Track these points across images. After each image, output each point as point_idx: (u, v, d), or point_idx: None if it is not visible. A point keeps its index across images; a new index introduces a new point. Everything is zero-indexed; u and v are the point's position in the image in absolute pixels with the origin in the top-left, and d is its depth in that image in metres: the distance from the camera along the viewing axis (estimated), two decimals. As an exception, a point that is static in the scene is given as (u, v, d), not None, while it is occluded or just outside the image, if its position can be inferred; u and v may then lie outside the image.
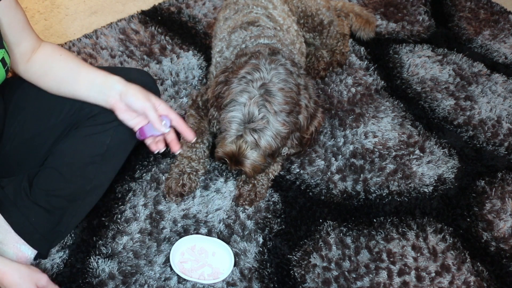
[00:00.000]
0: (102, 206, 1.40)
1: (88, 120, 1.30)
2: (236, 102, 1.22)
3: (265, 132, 1.23)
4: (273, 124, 1.22)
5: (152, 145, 1.26)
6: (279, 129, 1.23)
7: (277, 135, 1.24)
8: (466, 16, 2.22)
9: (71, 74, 1.25)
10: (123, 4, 2.17)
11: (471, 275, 1.34)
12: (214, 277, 1.29)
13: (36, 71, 1.26)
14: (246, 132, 1.23)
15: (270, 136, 1.23)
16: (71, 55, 1.28)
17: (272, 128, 1.22)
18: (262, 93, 1.21)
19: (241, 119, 1.22)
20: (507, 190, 1.56)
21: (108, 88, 1.22)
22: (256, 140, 1.23)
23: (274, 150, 1.28)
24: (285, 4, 1.67)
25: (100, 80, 1.23)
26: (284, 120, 1.23)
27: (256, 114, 1.21)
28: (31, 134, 1.29)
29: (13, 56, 1.23)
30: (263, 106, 1.21)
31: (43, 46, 1.27)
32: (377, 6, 2.23)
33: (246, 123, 1.22)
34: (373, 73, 1.90)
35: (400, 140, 1.67)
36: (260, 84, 1.22)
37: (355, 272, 1.33)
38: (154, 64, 1.85)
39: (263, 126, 1.22)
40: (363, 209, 1.48)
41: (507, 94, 1.88)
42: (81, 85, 1.24)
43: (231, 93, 1.24)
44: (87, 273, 1.28)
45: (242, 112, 1.21)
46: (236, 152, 1.27)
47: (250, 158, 1.28)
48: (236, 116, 1.22)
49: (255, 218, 1.42)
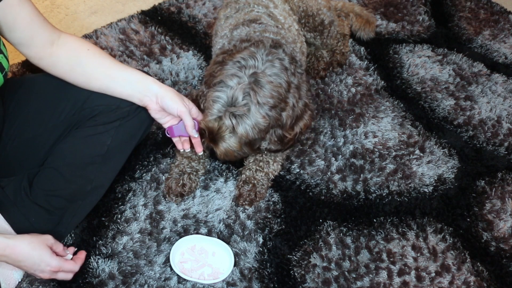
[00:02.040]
0: (102, 206, 1.40)
1: (88, 120, 1.30)
2: (224, 84, 1.22)
3: (244, 120, 1.22)
4: (253, 114, 1.21)
5: (178, 144, 1.37)
6: (258, 121, 1.22)
7: (255, 125, 1.22)
8: (466, 16, 2.22)
9: (102, 70, 1.26)
10: (123, 4, 2.17)
11: (471, 275, 1.34)
12: (214, 277, 1.29)
13: (63, 66, 1.25)
14: (226, 115, 1.22)
15: (248, 125, 1.22)
16: (98, 50, 1.28)
17: (252, 118, 1.21)
18: (251, 81, 1.21)
19: (224, 101, 1.22)
20: (507, 190, 1.56)
21: (144, 88, 1.26)
22: (234, 125, 1.22)
23: (251, 140, 1.26)
24: (286, 3, 1.67)
25: (135, 79, 1.26)
26: (266, 113, 1.22)
27: (239, 100, 1.20)
28: (31, 134, 1.29)
29: (31, 51, 1.21)
30: (247, 94, 1.20)
31: (65, 39, 1.25)
32: (377, 6, 2.23)
33: (228, 106, 1.22)
34: (373, 73, 1.90)
35: (400, 140, 1.67)
36: (251, 72, 1.22)
37: (355, 272, 1.33)
38: (154, 64, 1.85)
39: (242, 113, 1.21)
40: (363, 209, 1.48)
41: (507, 94, 1.88)
42: (115, 82, 1.26)
43: (222, 74, 1.23)
44: (87, 273, 1.28)
45: (227, 94, 1.21)
46: (215, 131, 1.26)
47: (226, 141, 1.26)
48: (220, 97, 1.22)
49: (255, 218, 1.42)
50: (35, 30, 1.19)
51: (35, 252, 1.12)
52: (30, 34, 1.19)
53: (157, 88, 1.26)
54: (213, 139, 1.27)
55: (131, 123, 1.32)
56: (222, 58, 1.29)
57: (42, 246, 1.13)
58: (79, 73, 1.26)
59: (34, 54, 1.22)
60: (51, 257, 1.14)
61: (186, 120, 1.27)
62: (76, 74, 1.26)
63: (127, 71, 1.27)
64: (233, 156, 1.31)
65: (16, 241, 1.11)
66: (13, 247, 1.10)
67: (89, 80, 1.27)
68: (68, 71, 1.26)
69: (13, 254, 1.10)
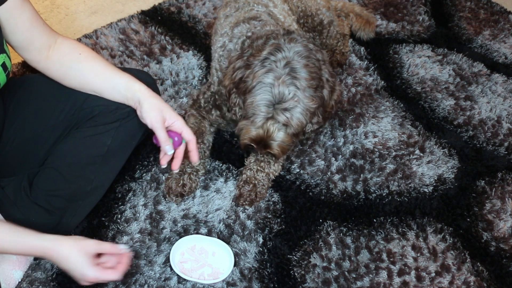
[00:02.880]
0: (102, 206, 1.40)
1: (88, 120, 1.30)
2: (263, 83, 1.21)
3: (296, 110, 1.22)
4: (303, 101, 1.21)
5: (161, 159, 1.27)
6: (308, 105, 1.22)
7: (307, 111, 1.23)
8: (466, 16, 2.22)
9: (92, 76, 1.26)
10: (123, 4, 2.17)
11: (471, 275, 1.34)
12: (214, 277, 1.29)
13: (56, 70, 1.26)
14: (278, 113, 1.22)
15: (300, 113, 1.22)
16: (91, 54, 1.27)
17: (303, 105, 1.22)
18: (288, 71, 1.21)
19: (270, 101, 1.21)
20: (507, 190, 1.56)
21: (130, 95, 1.25)
22: (288, 119, 1.22)
23: (303, 126, 1.28)
24: (285, 3, 1.67)
25: (124, 86, 1.25)
26: (311, 95, 1.22)
27: (286, 94, 1.20)
28: (31, 134, 1.29)
29: (30, 54, 1.22)
30: (291, 84, 1.20)
31: (60, 43, 1.25)
32: (377, 6, 2.23)
33: (276, 104, 1.21)
34: (373, 73, 1.90)
35: (400, 140, 1.67)
36: (284, 63, 1.22)
37: (355, 272, 1.33)
38: (154, 64, 1.85)
39: (294, 105, 1.21)
40: (363, 209, 1.48)
41: (507, 94, 1.88)
42: (105, 88, 1.26)
43: (256, 76, 1.22)
44: (87, 273, 1.28)
45: (271, 93, 1.20)
46: (264, 136, 1.26)
47: (277, 140, 1.27)
48: (264, 98, 1.21)
49: (255, 218, 1.42)
50: (35, 34, 1.20)
51: (71, 259, 1.10)
52: (30, 38, 1.19)
53: (140, 95, 1.22)
54: (264, 145, 1.27)
55: (131, 123, 1.32)
56: (244, 62, 1.28)
57: (80, 254, 1.09)
58: (72, 77, 1.26)
59: (32, 57, 1.23)
60: (87, 268, 1.09)
61: (158, 134, 1.21)
62: (69, 78, 1.27)
63: (116, 77, 1.25)
64: (286, 150, 1.32)
65: (54, 244, 1.09)
66: (51, 252, 1.09)
67: (82, 84, 1.27)
68: (62, 74, 1.26)
69: (52, 257, 1.10)
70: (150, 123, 1.22)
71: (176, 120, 1.24)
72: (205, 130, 1.53)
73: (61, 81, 1.28)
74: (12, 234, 1.08)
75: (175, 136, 1.25)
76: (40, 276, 1.26)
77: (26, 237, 1.09)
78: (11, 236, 1.08)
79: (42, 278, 1.26)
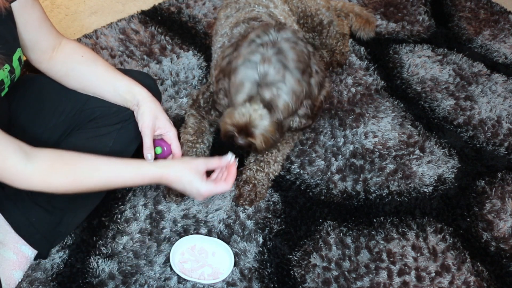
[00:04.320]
0: (102, 206, 1.40)
1: (90, 122, 1.30)
2: (248, 61, 1.17)
3: (282, 90, 1.17)
4: (289, 81, 1.16)
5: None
6: (295, 88, 1.17)
7: (293, 94, 1.18)
8: (466, 16, 2.22)
9: (93, 79, 1.27)
10: (123, 4, 2.17)
11: (471, 275, 1.34)
12: (214, 277, 1.29)
13: (58, 71, 1.27)
14: (263, 90, 1.16)
15: (286, 93, 1.17)
16: (93, 56, 1.29)
17: (289, 85, 1.16)
18: (275, 52, 1.17)
19: (254, 78, 1.16)
20: (507, 190, 1.56)
21: (130, 98, 1.27)
22: (274, 96, 1.17)
23: (289, 112, 1.22)
24: (285, 4, 1.67)
25: (124, 89, 1.27)
26: (298, 78, 1.18)
27: (270, 72, 1.15)
28: (32, 134, 1.29)
29: (34, 54, 1.23)
30: (278, 62, 1.15)
31: (64, 44, 1.27)
32: (377, 6, 2.23)
33: (261, 82, 1.16)
34: (373, 73, 1.90)
35: (400, 140, 1.67)
36: (271, 44, 1.18)
37: (355, 272, 1.33)
38: (154, 64, 1.85)
39: (280, 83, 1.15)
40: (363, 209, 1.48)
41: (507, 94, 1.88)
42: (106, 91, 1.28)
43: (242, 55, 1.18)
44: (87, 273, 1.28)
45: (256, 70, 1.16)
46: (246, 121, 1.21)
47: (260, 127, 1.21)
48: (249, 74, 1.16)
49: (255, 218, 1.42)
50: (42, 34, 1.21)
51: (185, 179, 1.16)
52: (37, 38, 1.21)
53: (140, 98, 1.26)
54: (246, 132, 1.22)
55: (133, 125, 1.32)
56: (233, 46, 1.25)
57: (191, 173, 1.16)
58: (73, 78, 1.28)
59: (36, 57, 1.24)
60: (201, 184, 1.17)
61: (144, 140, 1.26)
62: (71, 80, 1.28)
63: (117, 80, 1.27)
64: (270, 143, 1.26)
65: (167, 170, 1.16)
66: (166, 176, 1.16)
67: (83, 86, 1.29)
68: (64, 75, 1.28)
69: (167, 181, 1.17)
70: (141, 127, 1.26)
71: (169, 130, 1.29)
72: (205, 130, 1.53)
73: (62, 82, 1.29)
74: (129, 167, 1.14)
75: (165, 145, 1.30)
76: (40, 276, 1.26)
77: (142, 168, 1.15)
78: (129, 170, 1.14)
79: (42, 278, 1.26)
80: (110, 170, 1.12)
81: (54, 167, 1.06)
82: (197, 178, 1.17)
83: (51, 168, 1.06)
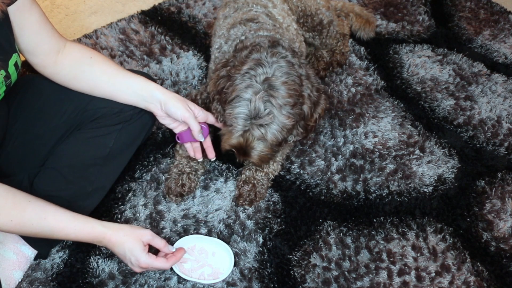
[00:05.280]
0: (102, 206, 1.40)
1: (91, 122, 1.30)
2: (241, 98, 1.24)
3: (271, 127, 1.25)
4: (278, 118, 1.24)
5: (190, 151, 1.40)
6: (284, 122, 1.25)
7: (283, 128, 1.26)
8: (466, 16, 2.22)
9: (105, 78, 1.27)
10: (123, 4, 2.17)
11: (471, 275, 1.34)
12: (214, 277, 1.29)
13: (66, 74, 1.26)
14: (253, 127, 1.25)
15: (275, 130, 1.25)
16: (101, 57, 1.29)
17: (278, 122, 1.24)
18: (266, 88, 1.23)
19: (247, 115, 1.24)
20: (507, 190, 1.56)
21: (148, 95, 1.27)
22: (263, 134, 1.25)
23: (280, 142, 1.30)
24: (284, 3, 1.67)
25: (139, 86, 1.27)
26: (288, 113, 1.24)
27: (261, 110, 1.22)
28: (33, 134, 1.29)
29: (37, 58, 1.22)
30: (268, 101, 1.22)
31: (70, 47, 1.26)
32: (377, 6, 2.23)
33: (253, 119, 1.24)
34: (373, 73, 1.90)
35: (400, 140, 1.67)
36: (263, 78, 1.23)
37: (355, 272, 1.33)
38: (154, 64, 1.85)
39: (269, 121, 1.23)
40: (363, 209, 1.48)
41: (507, 94, 1.88)
42: (119, 90, 1.27)
43: (236, 90, 1.25)
44: (87, 273, 1.28)
45: (248, 107, 1.23)
46: (243, 144, 1.29)
47: (257, 149, 1.29)
48: (242, 112, 1.24)
49: (255, 218, 1.42)
50: (43, 37, 1.20)
51: (127, 245, 1.14)
52: (37, 41, 1.19)
53: (160, 94, 1.26)
54: (243, 152, 1.30)
55: (133, 126, 1.32)
56: (226, 72, 1.31)
57: (135, 241, 1.15)
58: (83, 81, 1.27)
59: (39, 61, 1.23)
60: (141, 254, 1.15)
61: (191, 125, 1.28)
62: (80, 82, 1.27)
63: (130, 79, 1.27)
64: (267, 159, 1.35)
65: (113, 232, 1.14)
66: (109, 237, 1.14)
67: (93, 88, 1.28)
68: (72, 79, 1.26)
69: (109, 243, 1.15)
70: (182, 115, 1.27)
71: (199, 110, 1.32)
72: (205, 130, 1.53)
73: (69, 86, 1.28)
74: (76, 221, 1.12)
75: (202, 125, 1.33)
76: (40, 276, 1.26)
77: (88, 224, 1.13)
78: (75, 224, 1.12)
79: (42, 278, 1.26)
80: (56, 222, 1.10)
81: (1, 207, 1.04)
82: (139, 247, 1.15)
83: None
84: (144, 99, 1.27)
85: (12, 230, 1.09)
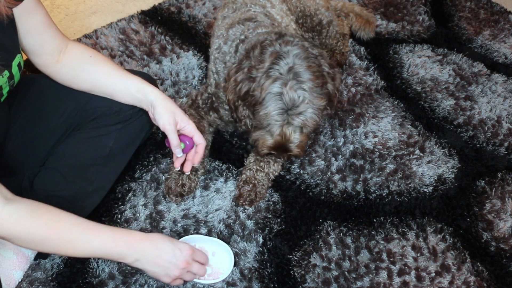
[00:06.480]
0: (102, 206, 1.40)
1: (90, 122, 1.30)
2: (272, 93, 1.25)
3: (309, 111, 1.26)
4: (312, 102, 1.25)
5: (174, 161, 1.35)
6: (319, 104, 1.27)
7: (318, 109, 1.28)
8: (466, 16, 2.22)
9: (104, 78, 1.27)
10: (123, 4, 2.17)
11: (471, 275, 1.34)
12: (214, 277, 1.29)
13: (66, 73, 1.26)
14: (292, 118, 1.26)
15: (313, 113, 1.27)
16: (101, 57, 1.29)
17: (313, 106, 1.26)
18: (292, 77, 1.24)
19: (283, 108, 1.25)
20: (507, 190, 1.56)
21: (143, 97, 1.26)
22: (304, 121, 1.27)
23: (318, 124, 1.32)
24: (283, 3, 1.67)
25: (135, 88, 1.26)
26: (319, 94, 1.27)
27: (296, 99, 1.24)
28: (32, 134, 1.29)
29: (40, 58, 1.22)
30: (299, 89, 1.24)
31: (71, 47, 1.26)
32: (377, 6, 2.23)
33: (289, 110, 1.26)
34: (373, 73, 1.90)
35: (400, 140, 1.67)
36: (287, 69, 1.25)
37: (355, 272, 1.33)
38: (154, 64, 1.85)
39: (306, 108, 1.25)
40: (363, 209, 1.48)
41: (507, 94, 1.88)
42: (116, 90, 1.27)
43: (264, 88, 1.26)
44: (87, 273, 1.28)
45: (282, 101, 1.24)
46: (282, 141, 1.30)
47: (295, 141, 1.31)
48: (277, 107, 1.25)
49: (255, 218, 1.42)
50: (47, 38, 1.20)
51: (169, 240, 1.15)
52: (41, 41, 1.20)
53: (153, 98, 1.25)
54: (284, 149, 1.32)
55: (133, 126, 1.32)
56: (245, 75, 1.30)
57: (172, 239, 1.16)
58: (83, 79, 1.27)
59: (42, 61, 1.24)
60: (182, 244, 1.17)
61: (170, 138, 1.26)
62: (80, 81, 1.27)
63: (127, 80, 1.27)
64: (305, 148, 1.37)
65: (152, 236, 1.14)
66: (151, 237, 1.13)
67: (92, 87, 1.28)
68: (72, 77, 1.27)
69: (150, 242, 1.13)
70: (163, 125, 1.24)
71: (187, 124, 1.28)
72: (204, 130, 1.53)
73: (70, 84, 1.28)
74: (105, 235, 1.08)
75: (187, 139, 1.30)
76: (40, 276, 1.26)
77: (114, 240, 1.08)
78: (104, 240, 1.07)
79: (42, 278, 1.26)
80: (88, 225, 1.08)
81: (34, 215, 1.02)
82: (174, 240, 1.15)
83: (30, 215, 1.01)
84: (139, 101, 1.27)
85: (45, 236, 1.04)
